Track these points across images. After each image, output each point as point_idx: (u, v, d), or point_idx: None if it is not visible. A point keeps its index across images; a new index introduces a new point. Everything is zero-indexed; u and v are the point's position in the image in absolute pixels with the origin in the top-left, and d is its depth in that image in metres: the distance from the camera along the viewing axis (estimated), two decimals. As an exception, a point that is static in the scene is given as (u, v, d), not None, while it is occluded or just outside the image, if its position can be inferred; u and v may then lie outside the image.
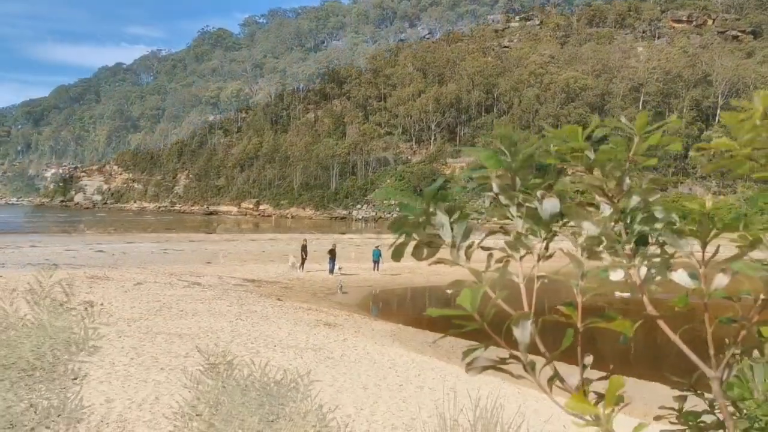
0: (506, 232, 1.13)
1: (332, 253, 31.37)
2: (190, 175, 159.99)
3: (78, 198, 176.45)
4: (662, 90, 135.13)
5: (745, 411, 1.44)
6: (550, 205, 1.10)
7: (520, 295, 1.16)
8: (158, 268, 30.61)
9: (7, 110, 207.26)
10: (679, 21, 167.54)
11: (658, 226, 1.06)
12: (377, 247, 32.73)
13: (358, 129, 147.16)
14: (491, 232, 1.17)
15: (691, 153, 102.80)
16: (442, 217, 1.10)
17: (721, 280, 1.08)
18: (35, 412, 8.58)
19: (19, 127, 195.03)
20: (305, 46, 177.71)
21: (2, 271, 25.24)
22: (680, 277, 1.08)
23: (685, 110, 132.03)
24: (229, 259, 35.74)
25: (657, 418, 1.43)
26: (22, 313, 12.67)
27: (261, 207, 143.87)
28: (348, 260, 34.57)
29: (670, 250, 1.09)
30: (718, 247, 1.10)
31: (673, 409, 1.43)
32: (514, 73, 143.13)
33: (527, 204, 1.12)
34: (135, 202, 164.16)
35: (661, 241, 1.08)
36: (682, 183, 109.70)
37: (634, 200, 1.08)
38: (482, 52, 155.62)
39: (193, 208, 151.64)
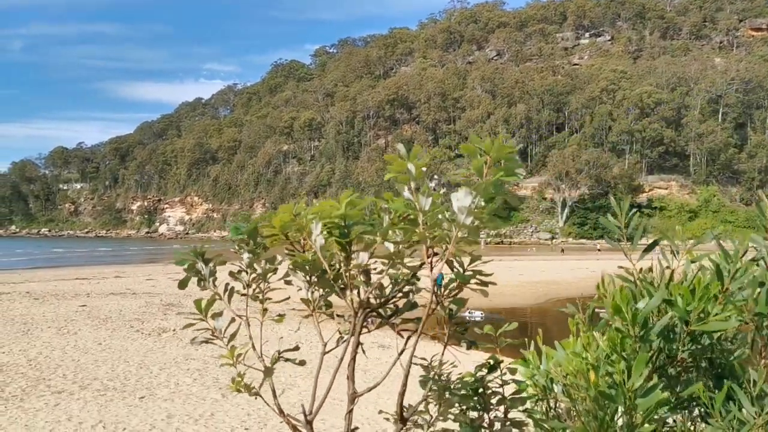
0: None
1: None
2: (266, 204, 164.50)
3: (162, 229, 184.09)
4: (743, 101, 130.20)
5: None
6: (246, 256, 1.99)
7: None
8: (231, 295, 32.01)
9: (96, 148, 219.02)
10: (758, 29, 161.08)
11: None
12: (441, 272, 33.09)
13: (428, 153, 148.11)
14: (236, 272, 2.04)
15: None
16: (201, 264, 1.97)
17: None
18: (104, 427, 9.58)
19: (107, 163, 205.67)
20: (374, 74, 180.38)
21: (87, 300, 27.12)
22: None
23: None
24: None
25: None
26: (102, 338, 14.05)
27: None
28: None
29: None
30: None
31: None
32: (585, 90, 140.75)
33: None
34: (215, 231, 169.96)
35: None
36: None
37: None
38: (551, 71, 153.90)
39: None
